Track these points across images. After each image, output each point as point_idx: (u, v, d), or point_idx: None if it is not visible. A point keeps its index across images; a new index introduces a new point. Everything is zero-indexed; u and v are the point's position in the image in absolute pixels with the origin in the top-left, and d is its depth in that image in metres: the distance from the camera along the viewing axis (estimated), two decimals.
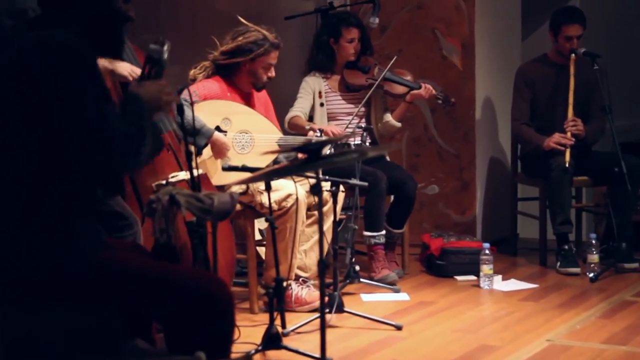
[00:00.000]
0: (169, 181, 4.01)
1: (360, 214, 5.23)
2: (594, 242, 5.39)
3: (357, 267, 4.86)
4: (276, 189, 4.51)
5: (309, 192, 4.64)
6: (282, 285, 3.94)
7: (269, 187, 4.18)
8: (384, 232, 5.27)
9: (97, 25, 2.80)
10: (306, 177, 4.47)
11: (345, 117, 5.46)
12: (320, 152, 2.92)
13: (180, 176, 4.08)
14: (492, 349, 4.04)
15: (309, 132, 5.10)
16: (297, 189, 4.59)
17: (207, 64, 4.92)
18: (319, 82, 5.54)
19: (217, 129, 4.71)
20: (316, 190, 2.94)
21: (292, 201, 4.60)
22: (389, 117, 5.56)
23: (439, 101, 5.56)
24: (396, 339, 4.23)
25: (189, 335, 2.75)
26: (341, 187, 4.71)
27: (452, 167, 6.28)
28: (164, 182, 3.99)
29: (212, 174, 4.64)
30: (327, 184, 4.42)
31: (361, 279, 4.93)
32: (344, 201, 5.06)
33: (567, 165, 5.45)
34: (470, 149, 6.23)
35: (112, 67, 3.86)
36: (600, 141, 5.87)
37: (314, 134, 5.02)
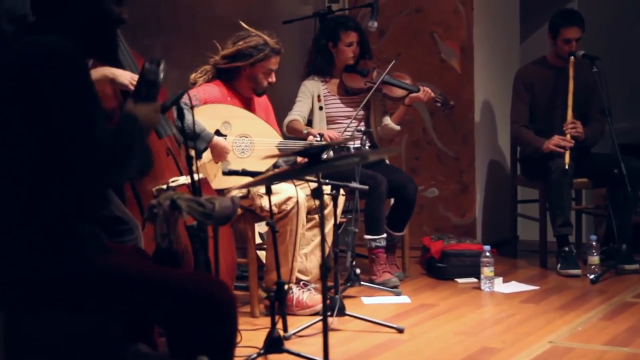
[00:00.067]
0: (169, 186, 4.00)
1: (360, 217, 5.23)
2: (594, 243, 5.39)
3: (357, 270, 4.86)
4: (276, 192, 4.52)
5: (309, 195, 4.64)
6: (284, 288, 3.95)
7: (269, 191, 4.19)
8: (384, 235, 5.27)
9: (90, 29, 2.80)
10: (307, 181, 4.47)
11: (344, 121, 5.47)
12: (320, 156, 2.93)
13: (180, 180, 4.07)
14: (494, 351, 4.04)
15: (309, 137, 5.11)
16: (297, 192, 4.59)
17: (208, 68, 4.92)
18: (317, 85, 5.54)
19: (217, 133, 4.71)
20: (317, 194, 2.95)
21: (292, 204, 4.60)
22: (388, 120, 5.56)
23: (438, 104, 5.56)
24: (398, 341, 4.23)
25: (192, 339, 2.74)
26: (341, 190, 4.72)
27: (452, 170, 6.28)
28: (165, 187, 3.98)
29: (211, 178, 4.64)
30: (328, 188, 4.42)
31: (362, 282, 4.93)
32: (344, 204, 5.07)
33: (566, 167, 5.45)
34: (469, 151, 6.23)
35: (112, 76, 3.85)
36: (599, 143, 5.88)
37: (314, 139, 5.02)
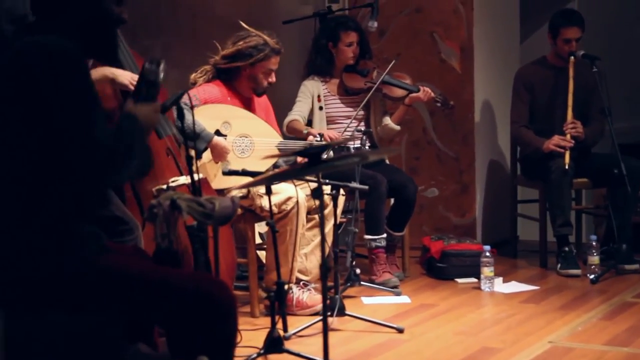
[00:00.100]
0: (169, 186, 4.00)
1: (360, 217, 5.23)
2: (594, 243, 5.39)
3: (357, 270, 4.86)
4: (276, 192, 4.52)
5: (309, 195, 4.64)
6: (284, 288, 3.94)
7: (269, 191, 4.18)
8: (384, 235, 5.27)
9: (89, 29, 2.80)
10: (307, 181, 4.47)
11: (344, 121, 5.47)
12: (320, 156, 2.93)
13: (180, 180, 4.07)
14: (494, 351, 4.04)
15: (309, 137, 5.10)
16: (298, 192, 4.58)
17: (208, 67, 4.92)
18: (317, 85, 5.54)
19: (217, 133, 4.71)
20: (317, 194, 2.95)
21: (292, 204, 4.60)
22: (388, 121, 5.56)
23: (438, 104, 5.56)
24: (398, 341, 4.23)
25: (192, 339, 2.74)
26: (341, 190, 4.72)
27: (452, 170, 6.28)
28: (165, 187, 3.98)
29: (211, 178, 4.63)
30: (328, 188, 4.42)
31: (362, 282, 4.93)
32: (344, 204, 5.06)
33: (566, 167, 5.45)
34: (469, 151, 6.23)
35: (112, 76, 3.84)
36: (599, 143, 5.88)
37: (314, 139, 5.02)
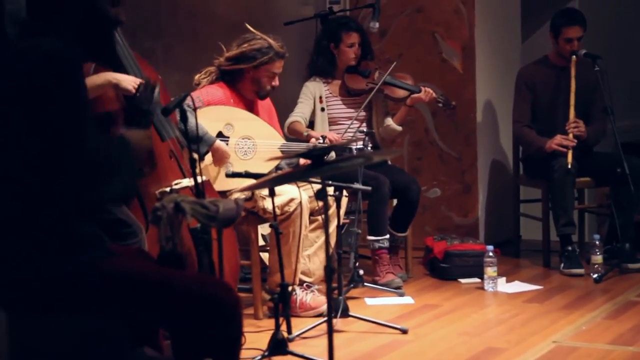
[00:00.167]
0: (172, 188, 3.99)
1: (363, 218, 5.22)
2: (597, 242, 5.38)
3: (361, 272, 4.86)
4: (279, 193, 4.50)
5: (312, 197, 4.64)
6: (288, 290, 3.94)
7: (272, 193, 4.18)
8: (387, 236, 5.26)
9: (86, 31, 2.80)
10: (310, 182, 4.47)
11: (346, 122, 5.46)
12: (324, 158, 2.92)
13: (183, 183, 4.06)
14: (499, 351, 4.04)
15: (311, 139, 5.10)
16: (301, 194, 4.58)
17: (212, 69, 4.91)
18: (319, 87, 5.53)
19: (220, 134, 4.70)
20: (321, 195, 2.94)
21: (294, 206, 4.59)
22: (389, 121, 5.55)
23: (440, 104, 5.56)
24: (402, 342, 4.22)
25: (197, 341, 2.74)
26: (344, 191, 4.71)
27: (454, 170, 6.27)
28: (168, 190, 3.98)
29: (213, 181, 4.63)
30: (331, 189, 4.41)
31: (365, 283, 4.93)
32: (346, 205, 5.06)
33: (569, 166, 5.45)
34: (471, 151, 6.23)
35: (116, 81, 3.81)
36: (601, 142, 5.87)
37: (317, 141, 5.02)
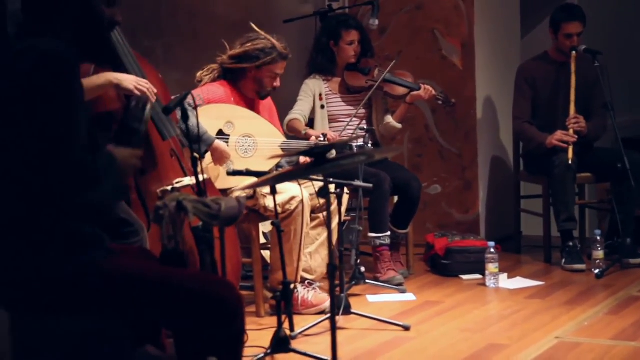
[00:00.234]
0: (173, 187, 3.99)
1: (364, 215, 5.23)
2: (598, 238, 5.38)
3: (362, 269, 4.86)
4: (280, 191, 4.50)
5: (313, 194, 4.63)
6: (290, 288, 3.94)
7: (274, 191, 4.18)
8: (388, 233, 5.26)
9: (81, 32, 2.79)
10: (311, 180, 4.46)
11: (346, 119, 5.46)
12: (326, 156, 2.92)
13: (185, 182, 4.06)
14: (501, 347, 4.04)
15: (312, 137, 5.10)
16: (302, 192, 4.57)
17: (214, 66, 4.91)
18: (319, 84, 5.53)
19: (220, 132, 4.70)
20: (323, 193, 2.95)
21: (296, 204, 4.59)
22: (389, 119, 5.55)
23: (439, 102, 5.56)
24: (404, 339, 4.22)
25: (199, 340, 2.75)
26: (345, 189, 4.71)
27: (454, 167, 6.27)
28: (169, 188, 3.98)
29: (214, 179, 4.63)
30: (332, 187, 4.41)
31: (367, 280, 4.93)
32: (347, 203, 5.05)
33: (570, 162, 5.45)
34: (472, 148, 6.23)
35: (117, 82, 3.81)
36: (601, 138, 5.87)
37: (318, 139, 5.01)
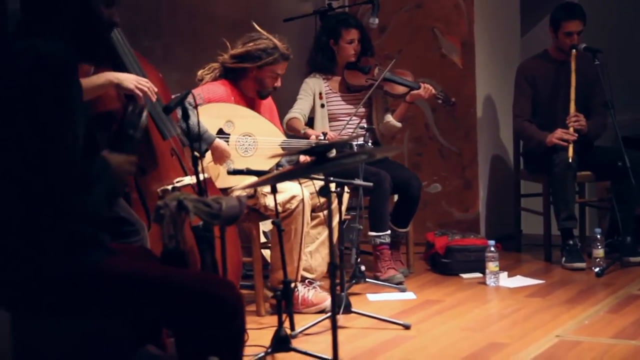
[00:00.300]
0: (174, 186, 3.99)
1: (364, 214, 5.23)
2: (598, 236, 5.39)
3: (362, 267, 4.86)
4: (280, 190, 4.50)
5: (314, 193, 4.63)
6: (290, 287, 3.94)
7: (274, 190, 4.18)
8: (389, 231, 5.26)
9: (79, 32, 2.79)
10: (312, 179, 4.46)
11: (346, 118, 5.46)
12: (327, 155, 2.92)
13: (185, 181, 4.06)
14: (502, 346, 4.04)
15: (312, 136, 5.10)
16: (303, 191, 4.57)
17: (215, 65, 4.91)
18: (319, 83, 5.53)
19: (220, 131, 4.70)
20: (325, 192, 2.94)
21: (296, 203, 4.59)
22: (389, 118, 5.55)
23: (439, 101, 5.56)
24: (405, 338, 4.22)
25: (200, 339, 2.75)
26: (346, 187, 4.70)
27: (454, 166, 6.27)
28: (170, 188, 3.98)
29: (214, 178, 4.62)
30: (332, 185, 4.40)
31: (367, 279, 4.93)
32: (347, 201, 5.05)
33: (570, 160, 5.45)
34: (472, 146, 6.23)
35: (117, 81, 3.81)
36: (601, 136, 5.87)
37: (318, 138, 5.01)
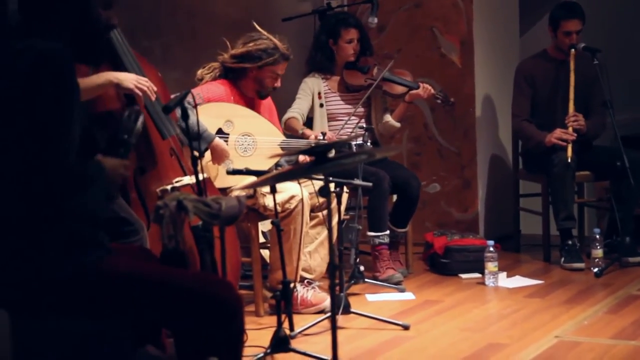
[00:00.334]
0: (173, 186, 3.98)
1: (363, 214, 5.22)
2: (597, 236, 5.38)
3: (361, 268, 4.85)
4: (280, 190, 4.49)
5: (313, 193, 4.63)
6: (290, 287, 3.93)
7: (274, 190, 4.17)
8: (387, 231, 5.26)
9: (78, 34, 2.78)
10: (311, 179, 4.45)
11: (344, 118, 5.45)
12: (327, 155, 2.92)
13: (184, 181, 4.05)
14: (501, 346, 4.03)
15: (311, 136, 5.09)
16: (302, 191, 4.56)
17: (215, 65, 4.90)
18: (318, 83, 5.52)
19: (220, 131, 4.69)
20: (325, 192, 2.94)
21: (295, 203, 4.58)
22: (388, 118, 5.54)
23: (438, 101, 5.55)
24: (404, 338, 4.22)
25: (199, 340, 2.74)
26: (345, 187, 4.70)
27: (453, 165, 6.27)
28: (169, 188, 3.97)
29: (213, 178, 4.62)
30: (331, 185, 4.40)
31: (366, 279, 4.92)
32: (346, 201, 5.05)
33: (569, 160, 5.44)
34: (470, 146, 6.22)
35: (117, 81, 3.80)
36: (600, 136, 5.86)
37: (317, 138, 5.00)
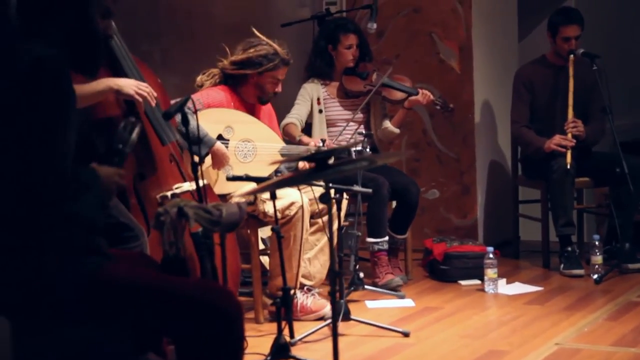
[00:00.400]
0: (173, 193, 3.97)
1: (362, 220, 5.21)
2: (597, 243, 5.37)
3: (361, 274, 4.84)
4: (280, 197, 4.49)
5: (312, 199, 4.62)
6: (290, 294, 3.92)
7: (274, 197, 4.16)
8: (387, 238, 5.25)
9: (75, 42, 2.77)
10: (311, 185, 4.45)
11: (344, 124, 5.45)
12: (327, 161, 2.91)
13: (184, 187, 4.03)
14: (502, 353, 4.03)
15: (311, 143, 5.08)
16: (302, 197, 4.56)
17: (215, 71, 4.89)
18: (317, 88, 5.52)
19: (220, 137, 4.68)
20: (325, 199, 2.93)
21: (295, 209, 4.57)
22: (387, 124, 5.54)
23: (438, 107, 5.55)
24: (404, 345, 4.21)
25: (199, 347, 2.74)
26: (344, 194, 4.69)
27: (452, 171, 6.26)
28: (169, 194, 3.96)
29: (212, 184, 4.61)
30: (331, 192, 4.39)
31: (365, 286, 4.91)
32: (346, 208, 5.04)
33: (568, 166, 5.43)
34: (470, 152, 6.21)
35: (117, 87, 3.78)
36: (599, 142, 5.86)
37: (317, 145, 5.00)
